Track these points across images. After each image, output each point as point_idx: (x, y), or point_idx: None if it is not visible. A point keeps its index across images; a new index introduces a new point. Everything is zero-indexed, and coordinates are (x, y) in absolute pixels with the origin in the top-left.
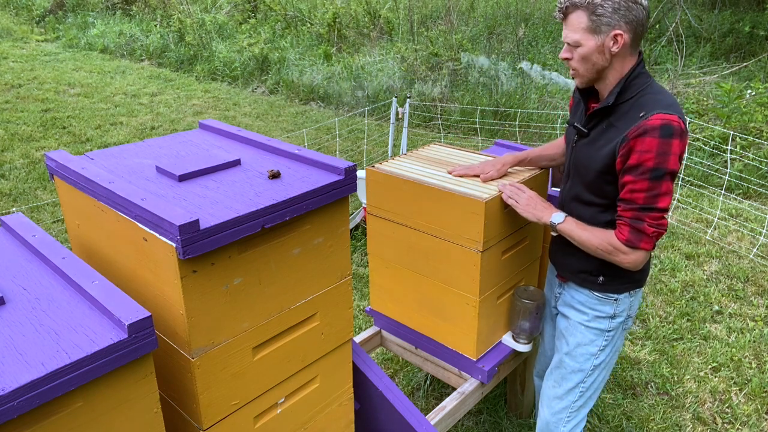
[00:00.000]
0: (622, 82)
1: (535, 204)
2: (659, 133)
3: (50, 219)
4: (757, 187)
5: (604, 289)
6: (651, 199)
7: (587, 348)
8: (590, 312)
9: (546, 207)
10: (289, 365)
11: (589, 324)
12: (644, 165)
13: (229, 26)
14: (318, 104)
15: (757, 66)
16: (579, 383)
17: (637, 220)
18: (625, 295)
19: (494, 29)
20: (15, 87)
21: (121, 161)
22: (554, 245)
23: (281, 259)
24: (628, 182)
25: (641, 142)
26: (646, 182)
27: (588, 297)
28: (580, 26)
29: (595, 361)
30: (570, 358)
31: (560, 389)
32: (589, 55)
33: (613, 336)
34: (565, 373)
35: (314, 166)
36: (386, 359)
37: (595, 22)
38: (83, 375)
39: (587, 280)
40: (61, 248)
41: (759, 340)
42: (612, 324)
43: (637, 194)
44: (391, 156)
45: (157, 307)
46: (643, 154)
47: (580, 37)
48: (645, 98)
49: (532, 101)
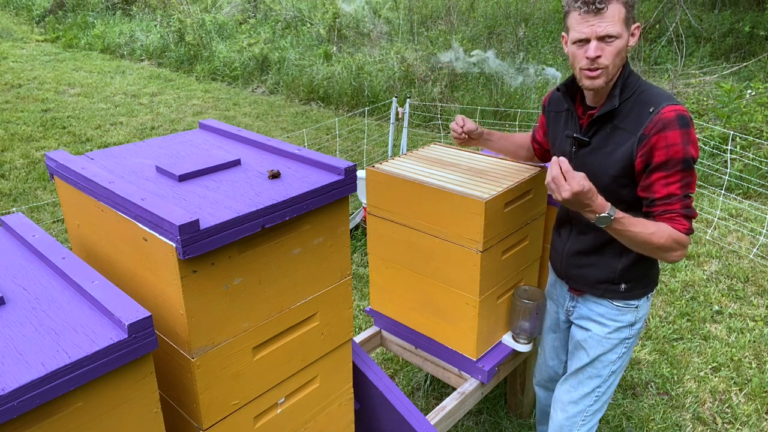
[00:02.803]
0: (621, 82)
1: (582, 194)
2: (678, 124)
3: (50, 219)
4: (757, 187)
5: (626, 297)
6: (686, 187)
7: (607, 356)
8: (611, 324)
9: (594, 197)
10: (289, 365)
11: (611, 335)
12: (674, 158)
13: (229, 26)
14: (318, 104)
15: (757, 66)
16: (595, 388)
17: (687, 207)
18: (644, 300)
19: (494, 29)
20: (15, 87)
21: (121, 161)
22: (562, 258)
23: (281, 259)
24: (659, 179)
25: (664, 138)
26: (679, 174)
27: (608, 308)
28: (621, 17)
29: (613, 367)
30: (590, 367)
31: (576, 393)
32: (622, 50)
33: (632, 342)
34: (582, 379)
35: (314, 166)
36: (386, 359)
37: (630, 15)
38: (83, 375)
39: (608, 290)
40: (61, 248)
41: (759, 340)
42: (632, 331)
43: (672, 187)
44: (391, 156)
45: (157, 307)
46: (670, 148)
47: (620, 29)
48: (645, 94)
49: (532, 101)
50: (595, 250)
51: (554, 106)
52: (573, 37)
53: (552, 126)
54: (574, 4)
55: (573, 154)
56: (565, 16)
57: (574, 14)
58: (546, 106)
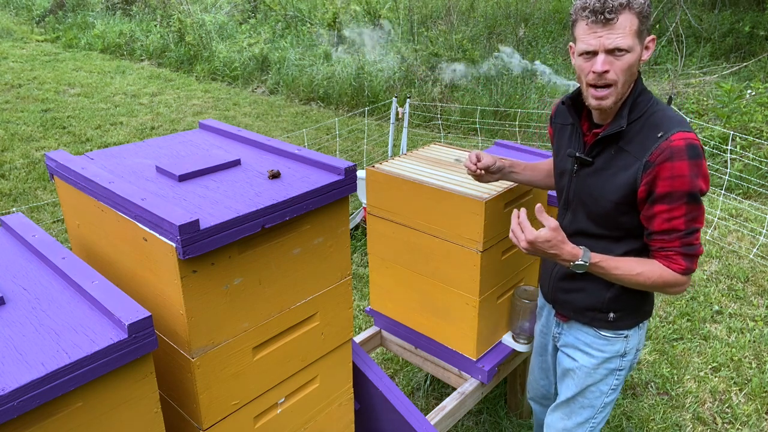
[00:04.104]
0: (630, 101)
1: (550, 246)
2: (687, 155)
3: (50, 219)
4: (757, 187)
5: (615, 326)
6: (692, 222)
7: (598, 387)
8: (599, 354)
9: (564, 242)
10: (289, 365)
11: (600, 366)
12: (679, 191)
13: (229, 26)
14: (318, 104)
15: (757, 66)
16: (589, 419)
17: (688, 245)
18: (635, 330)
19: (494, 29)
20: (15, 87)
21: (121, 161)
22: (550, 281)
23: (281, 259)
24: (661, 211)
25: (670, 168)
26: (683, 207)
27: (595, 338)
28: (633, 29)
29: (607, 399)
30: (581, 397)
31: (569, 422)
32: (633, 65)
33: (625, 373)
34: (574, 408)
35: (314, 166)
36: (386, 359)
37: (643, 28)
38: (83, 375)
39: (595, 318)
40: (61, 248)
41: (759, 340)
42: (623, 362)
43: (676, 221)
44: (391, 156)
45: (157, 307)
46: (675, 180)
47: (633, 42)
48: (655, 116)
49: (532, 101)
50: (584, 274)
51: (560, 118)
52: (579, 48)
53: (557, 138)
54: (582, 13)
55: (573, 173)
56: (572, 25)
57: (581, 24)
58: (553, 118)
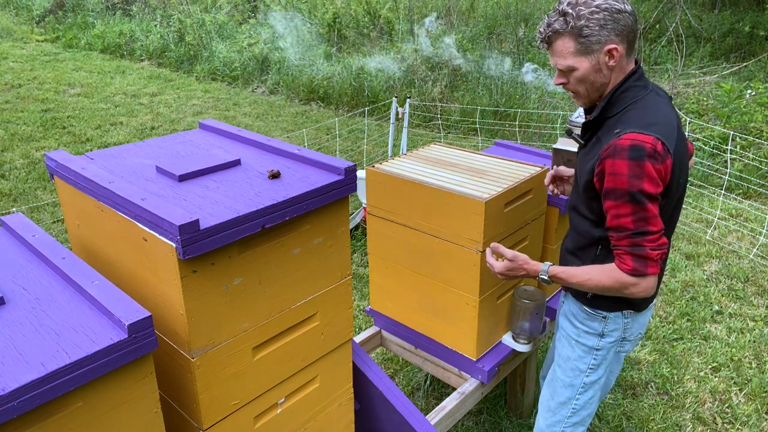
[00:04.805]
0: (608, 96)
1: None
2: (628, 155)
3: (50, 219)
4: (757, 187)
5: (592, 305)
6: (641, 222)
7: (576, 363)
8: (580, 326)
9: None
10: (289, 365)
11: (579, 339)
12: (619, 189)
13: (229, 26)
14: (318, 104)
15: (757, 66)
16: (571, 399)
17: (636, 246)
18: (617, 315)
19: (494, 29)
20: (15, 87)
21: (121, 161)
22: (561, 252)
23: (281, 259)
24: (611, 207)
25: (611, 164)
26: (629, 206)
27: (579, 310)
28: (569, 51)
29: (586, 379)
30: (561, 371)
31: (553, 402)
32: (587, 76)
33: (605, 356)
34: (557, 387)
35: (314, 166)
36: (386, 359)
37: (584, 44)
38: (83, 375)
39: (578, 293)
40: (61, 248)
41: (759, 340)
42: (601, 342)
43: (623, 219)
44: (391, 156)
45: (157, 307)
46: (616, 177)
47: (573, 62)
48: (629, 114)
49: (532, 101)
50: (575, 251)
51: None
52: None
53: None
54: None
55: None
56: None
57: None
58: None
